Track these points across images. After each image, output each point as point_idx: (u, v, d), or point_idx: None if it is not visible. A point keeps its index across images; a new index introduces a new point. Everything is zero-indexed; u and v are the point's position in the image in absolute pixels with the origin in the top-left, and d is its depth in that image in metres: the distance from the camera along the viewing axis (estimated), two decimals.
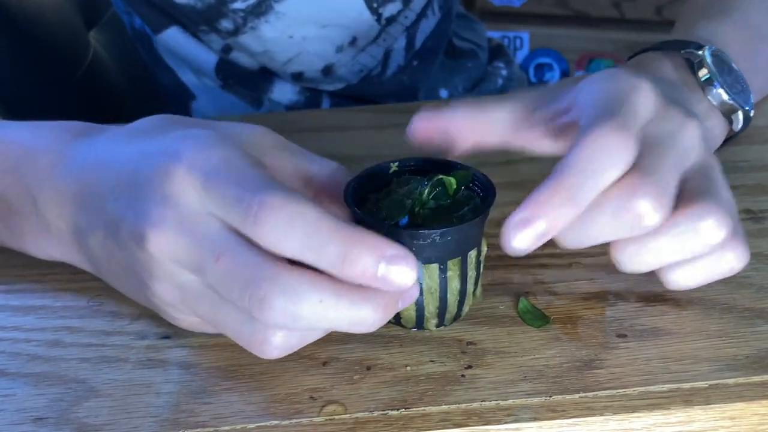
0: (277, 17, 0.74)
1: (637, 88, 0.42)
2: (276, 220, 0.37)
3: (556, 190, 0.38)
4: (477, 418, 0.40)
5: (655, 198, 0.39)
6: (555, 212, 0.38)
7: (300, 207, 0.38)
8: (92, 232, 0.44)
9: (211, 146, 0.41)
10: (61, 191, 0.45)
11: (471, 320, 0.45)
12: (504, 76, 0.93)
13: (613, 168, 0.39)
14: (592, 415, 0.40)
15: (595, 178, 0.39)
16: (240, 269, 0.38)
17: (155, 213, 0.40)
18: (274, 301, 0.37)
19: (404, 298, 0.39)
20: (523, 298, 0.46)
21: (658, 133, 0.42)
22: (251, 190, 0.38)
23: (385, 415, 0.40)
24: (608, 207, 0.39)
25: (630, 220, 0.39)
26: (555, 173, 0.39)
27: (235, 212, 0.39)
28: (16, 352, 0.45)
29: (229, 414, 0.41)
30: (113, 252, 0.43)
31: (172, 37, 0.80)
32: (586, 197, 0.39)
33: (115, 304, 0.47)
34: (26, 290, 0.49)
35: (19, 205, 0.47)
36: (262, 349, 0.40)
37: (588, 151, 0.39)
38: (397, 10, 0.77)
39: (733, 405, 0.40)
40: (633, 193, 0.39)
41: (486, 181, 0.44)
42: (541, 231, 0.38)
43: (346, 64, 0.80)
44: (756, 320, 0.45)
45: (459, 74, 0.90)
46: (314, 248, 0.37)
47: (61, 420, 0.41)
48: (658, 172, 0.40)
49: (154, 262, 0.41)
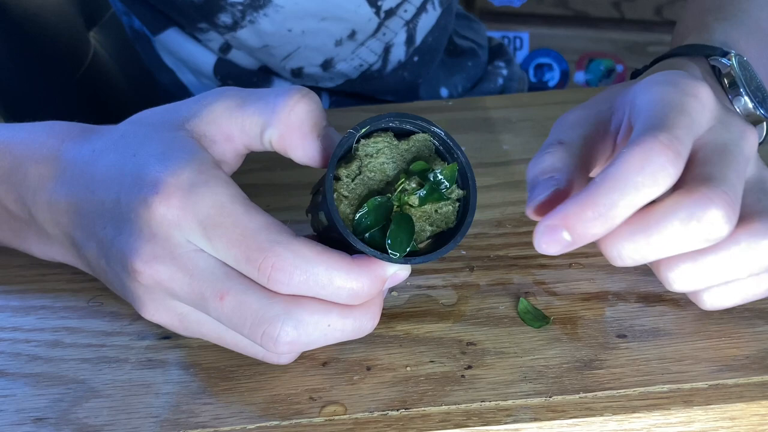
0: (276, 10, 0.74)
1: (696, 94, 0.40)
2: (290, 280, 0.39)
3: (587, 205, 0.37)
4: (477, 419, 0.40)
5: (727, 207, 0.37)
6: (583, 227, 0.37)
7: (312, 265, 0.39)
8: (86, 248, 0.44)
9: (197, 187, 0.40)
10: (54, 203, 0.45)
11: (471, 320, 0.45)
12: (504, 76, 0.93)
13: (653, 186, 0.36)
14: (592, 416, 0.40)
15: (631, 196, 0.36)
16: (248, 308, 0.39)
17: (145, 250, 0.40)
18: (287, 336, 0.39)
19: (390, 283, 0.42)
20: (523, 298, 0.46)
21: (722, 141, 0.40)
22: (259, 251, 0.39)
23: (385, 415, 0.40)
24: (675, 217, 0.37)
25: (698, 231, 0.37)
26: (591, 185, 0.37)
27: (246, 270, 0.40)
28: (16, 353, 0.45)
29: (228, 414, 0.41)
30: (107, 272, 0.43)
31: (171, 38, 0.80)
32: (618, 216, 0.37)
33: (115, 304, 0.47)
34: (26, 290, 0.49)
35: (16, 211, 0.47)
36: (279, 361, 0.42)
37: (627, 167, 0.36)
38: (396, 3, 0.77)
39: (733, 405, 0.40)
40: (704, 203, 0.37)
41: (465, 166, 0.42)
42: (567, 242, 0.37)
43: (345, 59, 0.80)
44: (756, 321, 0.45)
45: (459, 73, 0.90)
46: (328, 295, 0.40)
47: (61, 420, 0.41)
48: (728, 181, 0.38)
49: (148, 295, 0.41)
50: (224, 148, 0.44)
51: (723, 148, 0.40)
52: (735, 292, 0.42)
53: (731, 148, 0.40)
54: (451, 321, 0.45)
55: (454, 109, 0.67)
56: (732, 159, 0.39)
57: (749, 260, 0.39)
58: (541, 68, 1.95)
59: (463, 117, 0.66)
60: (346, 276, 0.39)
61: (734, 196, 0.38)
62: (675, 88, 0.40)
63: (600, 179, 0.37)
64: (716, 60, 0.51)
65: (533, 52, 1.95)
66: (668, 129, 0.37)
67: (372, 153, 0.42)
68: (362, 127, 0.41)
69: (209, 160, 0.41)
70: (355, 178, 0.42)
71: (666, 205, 0.37)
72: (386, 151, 0.42)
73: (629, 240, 0.38)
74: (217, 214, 0.39)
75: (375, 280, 0.40)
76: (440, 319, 0.45)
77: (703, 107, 0.40)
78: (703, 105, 0.40)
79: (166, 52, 0.83)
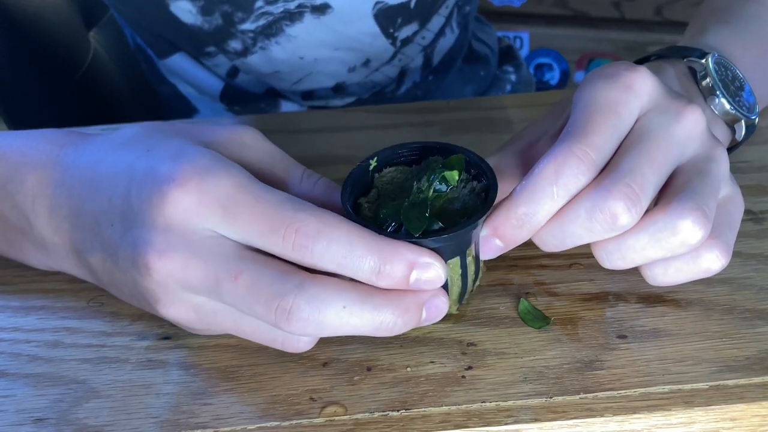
0: (288, 39, 0.73)
1: (629, 85, 0.42)
2: (315, 244, 0.38)
3: (509, 215, 0.41)
4: (477, 419, 0.40)
5: (628, 197, 0.39)
6: (510, 234, 0.41)
7: (335, 229, 0.39)
8: (90, 253, 0.44)
9: (215, 171, 0.40)
10: (54, 209, 0.45)
11: (471, 321, 0.45)
12: (513, 82, 0.92)
13: (566, 195, 0.40)
14: (592, 416, 0.40)
15: (548, 205, 0.40)
16: (262, 284, 0.39)
17: (159, 241, 0.40)
18: (300, 311, 0.38)
19: (429, 308, 0.40)
20: (524, 299, 0.46)
21: (649, 126, 0.42)
22: (282, 217, 0.39)
23: (386, 416, 0.40)
24: (581, 209, 0.40)
25: (603, 221, 0.40)
26: (513, 195, 0.41)
27: (270, 241, 0.39)
28: (16, 353, 0.45)
29: (229, 415, 0.41)
30: (114, 273, 0.43)
31: (177, 63, 0.79)
32: (539, 221, 0.41)
33: (115, 305, 0.47)
34: (26, 291, 0.49)
35: (13, 220, 0.47)
36: (298, 347, 0.42)
37: (542, 178, 0.40)
38: (413, 32, 0.76)
39: (733, 406, 0.40)
40: (605, 196, 0.40)
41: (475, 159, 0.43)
42: (500, 246, 0.42)
43: (358, 82, 0.78)
44: (756, 321, 0.45)
45: (471, 83, 0.88)
46: (350, 266, 0.39)
47: (62, 421, 0.41)
48: (633, 170, 0.40)
49: (161, 289, 0.41)
50: None
51: (645, 134, 0.42)
52: (672, 270, 0.43)
53: (656, 133, 0.42)
54: (452, 321, 0.45)
55: (454, 109, 0.67)
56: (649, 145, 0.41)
57: (668, 240, 0.41)
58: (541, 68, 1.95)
59: (463, 117, 0.65)
60: (369, 246, 0.39)
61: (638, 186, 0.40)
62: (610, 82, 0.42)
63: (520, 189, 0.41)
64: (692, 61, 0.52)
65: (533, 52, 1.95)
66: (585, 137, 0.41)
67: (388, 181, 0.44)
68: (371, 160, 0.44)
69: (223, 156, 0.41)
70: (374, 202, 0.43)
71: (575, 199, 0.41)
72: (401, 177, 0.44)
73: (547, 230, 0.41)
74: (238, 192, 0.39)
75: (400, 260, 0.39)
76: (441, 320, 0.45)
77: (636, 96, 0.42)
78: (637, 94, 0.42)
79: (170, 73, 0.82)
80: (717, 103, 0.50)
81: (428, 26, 0.77)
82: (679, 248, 0.41)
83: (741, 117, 0.51)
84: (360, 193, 0.43)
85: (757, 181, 0.55)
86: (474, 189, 0.43)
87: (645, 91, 0.42)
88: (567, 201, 0.40)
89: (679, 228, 0.40)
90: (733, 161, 0.56)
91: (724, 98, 0.50)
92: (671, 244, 0.41)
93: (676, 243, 0.41)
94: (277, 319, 0.38)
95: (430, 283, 0.39)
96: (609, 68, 0.44)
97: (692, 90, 0.51)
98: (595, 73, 0.44)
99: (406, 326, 0.39)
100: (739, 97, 0.51)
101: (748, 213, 0.52)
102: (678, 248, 0.41)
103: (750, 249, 0.49)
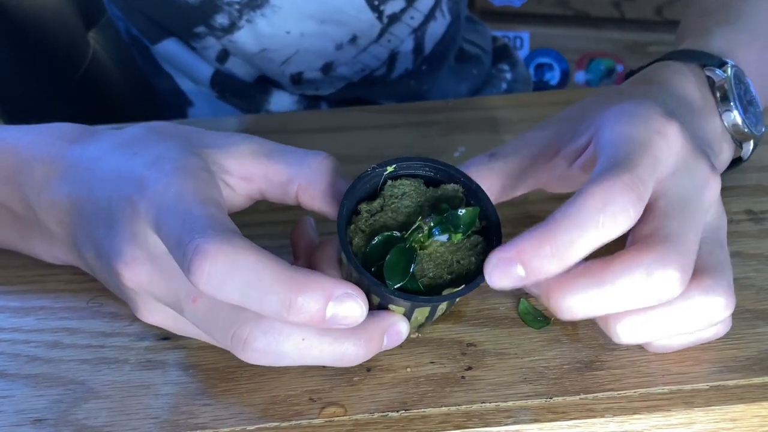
0: (273, 11, 0.73)
1: (664, 133, 0.40)
2: (212, 268, 0.36)
3: (544, 241, 0.36)
4: (477, 420, 0.40)
5: (682, 270, 0.37)
6: (538, 263, 0.36)
7: (238, 254, 0.36)
8: (86, 250, 0.44)
9: (171, 179, 0.39)
10: (57, 203, 0.45)
11: (471, 321, 0.45)
12: (508, 80, 0.93)
13: (612, 227, 0.36)
14: (592, 417, 0.40)
15: (590, 235, 0.36)
16: (218, 311, 0.38)
17: (126, 251, 0.40)
18: (256, 342, 0.38)
19: (390, 334, 0.40)
20: (524, 299, 0.46)
21: (683, 192, 0.40)
22: (189, 234, 0.37)
23: (385, 416, 0.40)
24: (631, 273, 0.37)
25: (652, 290, 0.37)
26: (548, 221, 0.36)
27: (176, 258, 0.38)
28: (15, 354, 0.45)
29: (228, 416, 0.40)
30: (103, 274, 0.44)
31: (169, 48, 0.79)
32: (575, 255, 0.36)
33: (114, 305, 0.47)
34: (26, 291, 0.49)
35: (21, 211, 0.47)
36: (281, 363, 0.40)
37: (588, 205, 0.36)
38: (400, 8, 0.77)
39: (733, 407, 0.40)
40: (662, 263, 0.37)
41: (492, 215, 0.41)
42: (520, 277, 0.36)
43: (346, 63, 0.79)
44: (756, 322, 0.44)
45: (465, 81, 0.89)
46: (256, 298, 0.36)
47: (61, 421, 0.41)
48: (686, 241, 0.38)
49: (136, 297, 0.41)
50: (239, 186, 0.44)
51: (684, 201, 0.39)
52: (682, 340, 0.41)
53: (692, 201, 0.40)
54: (452, 322, 0.45)
55: (454, 109, 0.67)
56: (692, 214, 0.39)
57: (698, 316, 0.39)
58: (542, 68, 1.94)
59: (463, 117, 0.65)
60: (277, 277, 0.36)
61: (690, 257, 0.38)
62: (643, 122, 0.40)
63: (560, 215, 0.36)
64: (711, 70, 0.50)
65: (533, 52, 1.95)
66: (631, 169, 0.37)
67: (398, 195, 0.42)
68: (389, 165, 0.41)
69: (203, 166, 0.41)
70: (376, 214, 0.41)
71: (623, 260, 0.37)
72: (413, 195, 0.42)
73: (582, 292, 0.37)
74: (173, 203, 0.38)
75: (315, 295, 0.36)
76: (440, 320, 0.45)
77: (669, 147, 0.40)
78: (669, 145, 0.40)
79: (163, 60, 0.83)
80: (732, 118, 0.49)
81: (416, 5, 0.77)
82: (702, 324, 0.40)
83: (751, 135, 0.50)
84: (364, 197, 0.42)
85: (757, 181, 0.55)
86: (476, 244, 0.41)
87: (677, 143, 0.40)
88: (610, 239, 0.36)
89: (713, 307, 0.39)
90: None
91: (738, 112, 0.49)
92: (701, 320, 0.39)
93: (703, 320, 0.39)
94: (233, 347, 0.38)
95: (349, 319, 0.37)
96: (638, 107, 0.41)
97: (709, 102, 0.49)
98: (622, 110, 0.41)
99: (369, 355, 0.39)
100: (749, 112, 0.50)
101: (748, 212, 0.52)
102: (701, 324, 0.39)
103: (750, 249, 0.49)
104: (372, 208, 0.41)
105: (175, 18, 0.76)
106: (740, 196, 0.53)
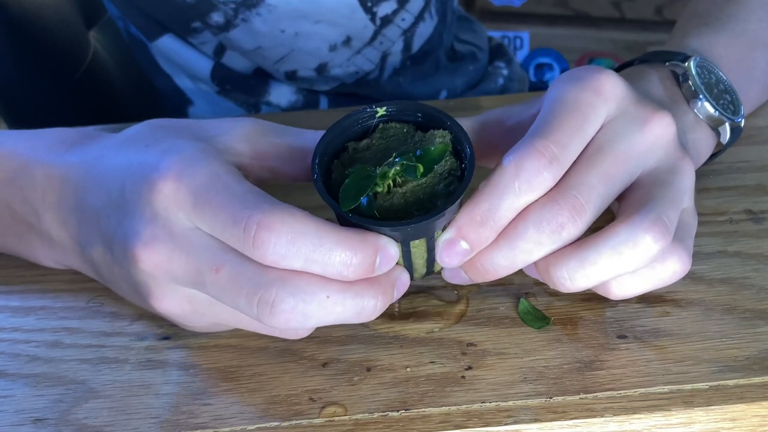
0: (269, 10, 0.73)
1: (597, 88, 0.42)
2: (277, 239, 0.37)
3: (474, 212, 0.40)
4: (477, 420, 0.40)
5: (573, 210, 0.40)
6: (474, 234, 0.40)
7: (300, 223, 0.38)
8: (92, 247, 0.44)
9: (196, 161, 0.40)
10: (60, 203, 0.45)
11: (471, 321, 0.45)
12: (505, 76, 0.93)
13: (530, 191, 0.40)
14: (592, 417, 0.40)
15: (511, 200, 0.40)
16: (244, 277, 0.38)
17: (145, 232, 0.40)
18: (283, 303, 0.38)
19: (398, 286, 0.40)
20: (524, 299, 0.46)
21: (610, 135, 0.42)
22: (245, 210, 0.38)
23: (385, 416, 0.40)
24: (529, 223, 0.40)
25: (550, 232, 0.40)
26: (476, 194, 0.40)
27: (232, 234, 0.38)
28: (15, 353, 0.45)
29: (228, 415, 0.40)
30: (113, 267, 0.43)
31: (167, 45, 0.79)
32: (503, 218, 0.40)
33: (114, 305, 0.47)
34: (26, 291, 0.49)
35: (23, 214, 0.47)
36: (297, 334, 0.41)
37: (504, 174, 0.40)
38: (392, 10, 0.77)
39: (733, 406, 0.40)
40: (551, 206, 0.40)
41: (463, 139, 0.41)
42: (465, 250, 0.40)
43: (340, 65, 0.79)
44: (756, 321, 0.45)
45: (460, 76, 0.89)
46: (320, 261, 0.38)
47: (61, 421, 0.41)
48: (582, 183, 0.40)
49: (151, 280, 0.41)
50: (251, 167, 0.44)
51: (606, 145, 0.41)
52: (637, 282, 0.42)
53: (617, 143, 0.42)
54: (452, 321, 0.45)
55: (454, 109, 0.67)
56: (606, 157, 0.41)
57: (629, 251, 0.40)
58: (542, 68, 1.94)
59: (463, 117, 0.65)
60: (337, 239, 0.38)
61: (586, 197, 0.40)
62: (579, 83, 0.42)
63: (484, 185, 0.40)
64: (674, 65, 0.51)
65: (533, 52, 1.95)
66: (546, 134, 0.40)
67: (386, 137, 0.42)
68: (380, 108, 0.42)
69: (217, 150, 0.41)
70: (361, 152, 0.42)
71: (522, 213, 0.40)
72: (401, 137, 0.42)
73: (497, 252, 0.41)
74: (210, 181, 0.39)
75: (367, 249, 0.38)
76: (440, 320, 0.45)
77: (605, 101, 0.42)
78: (606, 99, 0.42)
79: (162, 58, 0.83)
80: (700, 106, 0.50)
81: (407, 7, 0.78)
82: (641, 261, 0.40)
83: (725, 120, 0.51)
84: (354, 137, 0.42)
85: (757, 181, 0.55)
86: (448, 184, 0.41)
87: (614, 97, 0.42)
88: (531, 199, 0.40)
89: (639, 241, 0.40)
90: (732, 161, 0.56)
91: (708, 101, 0.50)
92: (632, 257, 0.40)
93: (637, 256, 0.40)
94: (259, 312, 0.38)
95: (389, 264, 0.39)
96: (581, 71, 0.43)
97: (676, 94, 0.51)
98: (567, 74, 0.44)
99: (384, 307, 0.40)
100: (724, 100, 0.51)
101: (748, 212, 0.52)
102: (639, 261, 0.40)
103: (750, 249, 0.49)
104: (358, 147, 0.42)
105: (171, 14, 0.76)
106: (740, 196, 0.53)
